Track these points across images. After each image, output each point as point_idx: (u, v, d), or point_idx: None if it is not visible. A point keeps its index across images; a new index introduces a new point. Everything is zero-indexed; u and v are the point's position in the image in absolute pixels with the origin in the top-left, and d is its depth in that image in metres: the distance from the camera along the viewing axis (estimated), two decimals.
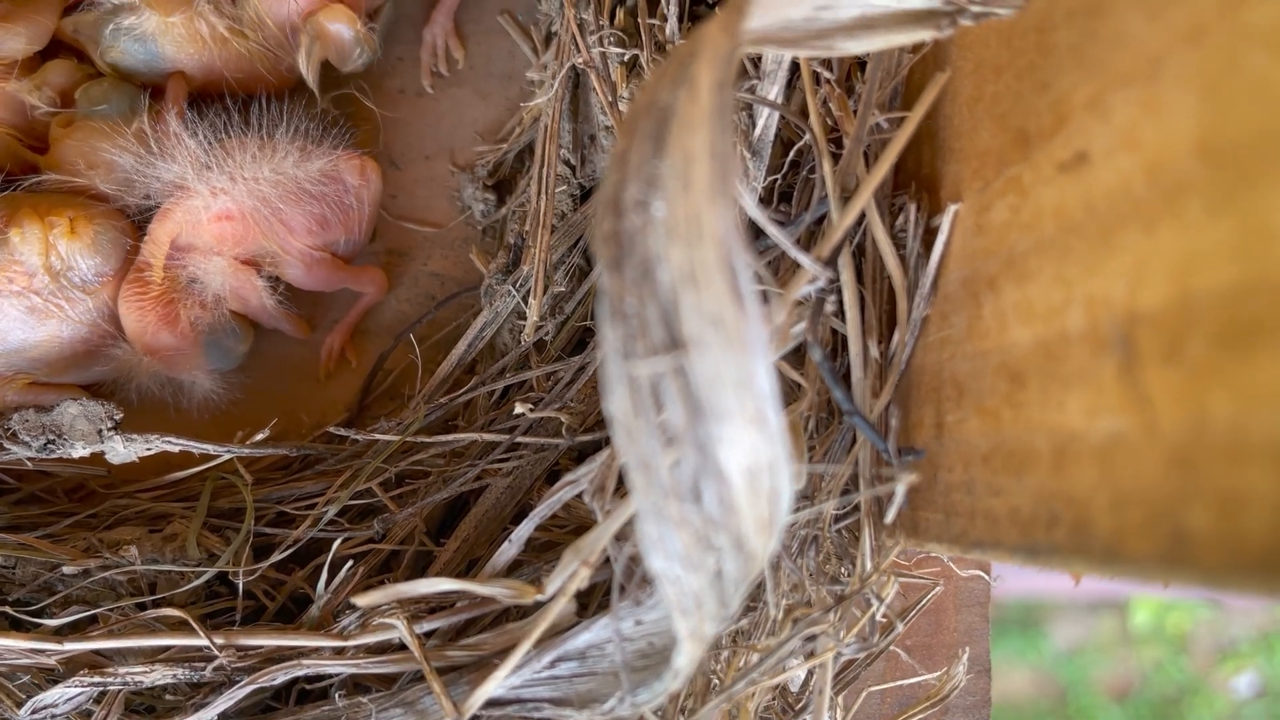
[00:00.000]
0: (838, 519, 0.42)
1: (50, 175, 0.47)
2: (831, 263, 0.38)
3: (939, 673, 0.43)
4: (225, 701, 0.42)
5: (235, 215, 0.47)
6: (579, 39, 0.44)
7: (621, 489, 0.41)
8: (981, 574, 0.48)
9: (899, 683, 0.46)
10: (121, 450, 0.45)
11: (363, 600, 0.39)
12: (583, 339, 0.47)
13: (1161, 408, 0.24)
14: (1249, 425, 0.21)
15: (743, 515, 0.28)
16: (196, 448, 0.45)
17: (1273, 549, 0.20)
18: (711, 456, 0.27)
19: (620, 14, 0.46)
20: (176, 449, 0.45)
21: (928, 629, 0.49)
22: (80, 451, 0.44)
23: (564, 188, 0.47)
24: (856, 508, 0.42)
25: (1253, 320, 0.21)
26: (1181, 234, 0.24)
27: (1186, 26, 0.24)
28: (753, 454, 0.27)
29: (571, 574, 0.38)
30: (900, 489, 0.36)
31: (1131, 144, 0.26)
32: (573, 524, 0.45)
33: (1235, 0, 0.23)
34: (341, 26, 0.48)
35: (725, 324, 0.25)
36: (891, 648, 0.48)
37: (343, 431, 0.47)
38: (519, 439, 0.44)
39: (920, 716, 0.42)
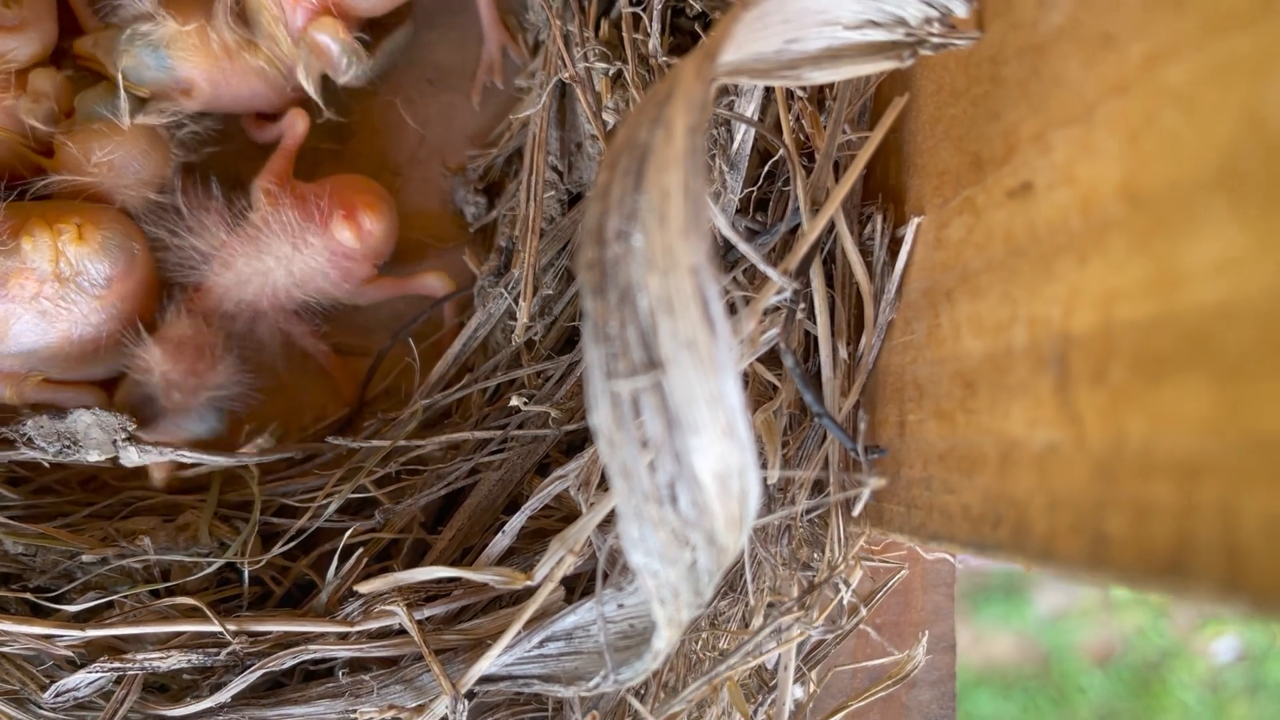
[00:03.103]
0: (809, 510, 0.45)
1: (57, 177, 0.49)
2: (802, 272, 0.41)
3: (905, 653, 0.46)
4: (239, 684, 0.44)
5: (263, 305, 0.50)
6: (564, 53, 0.47)
7: (604, 483, 0.44)
8: (947, 557, 0.51)
9: (865, 664, 0.49)
10: (135, 458, 0.47)
11: (365, 587, 0.42)
12: (570, 338, 0.50)
13: (1089, 424, 0.26)
14: (1157, 445, 0.23)
15: (715, 515, 0.31)
16: (207, 460, 0.48)
17: (1175, 554, 0.23)
18: (686, 464, 0.30)
19: (604, 26, 0.48)
20: (189, 460, 0.47)
21: (897, 608, 0.52)
22: (95, 458, 0.47)
23: (552, 193, 0.49)
24: (826, 497, 0.45)
25: (1161, 354, 0.23)
26: (1107, 268, 0.26)
27: (1114, 78, 0.27)
28: (724, 461, 0.30)
29: (558, 561, 0.41)
30: (866, 492, 0.39)
31: (1069, 180, 0.29)
32: (562, 512, 0.48)
33: (1156, 59, 0.25)
34: (327, 38, 0.50)
35: (698, 347, 0.28)
36: (862, 626, 0.51)
37: (340, 442, 0.49)
38: (511, 433, 0.47)
39: (886, 692, 0.45)
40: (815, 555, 0.44)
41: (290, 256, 0.48)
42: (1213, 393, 0.22)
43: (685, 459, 0.30)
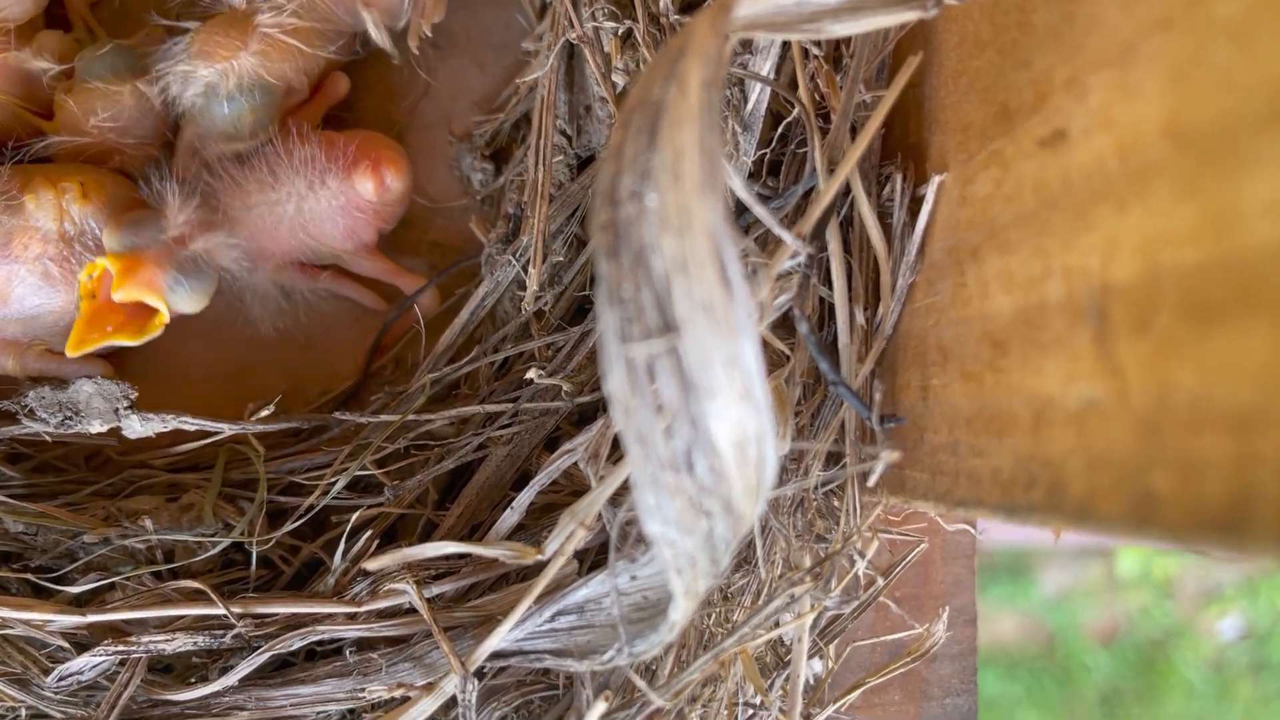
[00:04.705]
0: (824, 484, 0.44)
1: (58, 138, 0.48)
2: (817, 236, 0.39)
3: (925, 627, 0.45)
4: (246, 667, 0.43)
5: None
6: (572, 13, 0.45)
7: (615, 455, 0.43)
8: (968, 528, 0.50)
9: (884, 638, 0.48)
10: (138, 427, 0.46)
11: (373, 564, 0.41)
12: (581, 307, 0.49)
13: (1132, 377, 0.25)
14: (1208, 397, 0.22)
15: (732, 482, 0.30)
16: (211, 426, 0.46)
17: (1229, 509, 0.21)
18: (703, 430, 0.28)
19: None
20: (192, 428, 0.46)
21: (916, 581, 0.51)
22: (97, 428, 0.46)
23: (560, 158, 0.48)
24: (842, 468, 0.44)
25: (1212, 300, 0.22)
26: (1150, 214, 0.25)
27: (1157, 15, 0.25)
28: (741, 426, 0.29)
29: (569, 535, 0.40)
30: (881, 464, 0.38)
31: (1106, 125, 0.27)
32: (571, 487, 0.46)
33: None
34: None
35: (714, 308, 0.27)
36: (881, 599, 0.50)
37: (348, 417, 0.48)
38: (521, 406, 0.46)
39: (906, 668, 0.44)
40: (830, 527, 0.43)
41: (304, 194, 0.47)
42: (1271, 338, 0.21)
43: (702, 424, 0.29)
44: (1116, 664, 1.76)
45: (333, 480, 0.46)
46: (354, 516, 0.44)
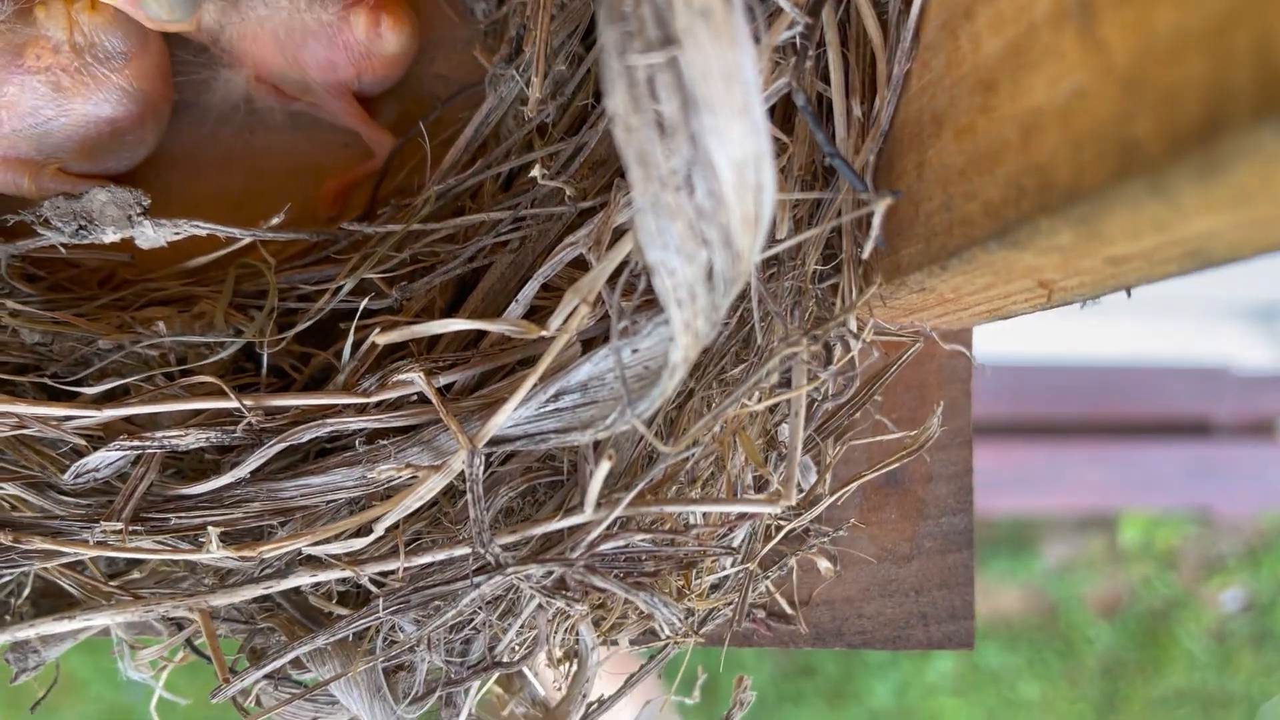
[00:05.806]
0: (822, 277, 0.45)
1: None
2: (814, 12, 0.40)
3: (921, 428, 0.46)
4: (257, 460, 0.45)
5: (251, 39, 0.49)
6: None
7: (615, 241, 0.44)
8: (963, 350, 0.51)
9: (880, 437, 0.49)
10: (151, 234, 0.47)
11: (383, 338, 0.42)
12: (583, 121, 0.50)
13: (1115, 45, 0.26)
14: (1187, 23, 0.23)
15: (731, 209, 0.31)
16: (224, 231, 0.47)
17: (1205, 119, 0.22)
18: (703, 148, 0.29)
19: None
20: (204, 232, 0.47)
21: (911, 403, 0.52)
22: (111, 236, 0.47)
23: None
24: (839, 267, 0.45)
25: None
26: None
27: None
28: (740, 146, 0.30)
29: (572, 310, 0.41)
30: (877, 215, 0.38)
31: None
32: None
33: None
34: None
35: (714, 14, 0.28)
36: (877, 418, 0.51)
37: (355, 227, 0.49)
38: (526, 211, 0.47)
39: (900, 462, 0.45)
40: (827, 315, 0.44)
41: (300, 8, 0.48)
42: None
43: (702, 141, 0.29)
44: (1118, 635, 1.78)
45: (340, 285, 0.47)
46: (361, 305, 0.45)
